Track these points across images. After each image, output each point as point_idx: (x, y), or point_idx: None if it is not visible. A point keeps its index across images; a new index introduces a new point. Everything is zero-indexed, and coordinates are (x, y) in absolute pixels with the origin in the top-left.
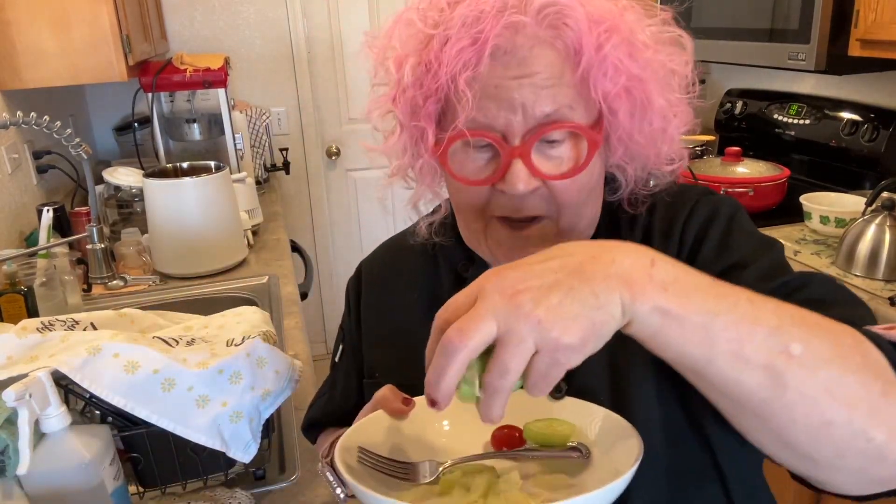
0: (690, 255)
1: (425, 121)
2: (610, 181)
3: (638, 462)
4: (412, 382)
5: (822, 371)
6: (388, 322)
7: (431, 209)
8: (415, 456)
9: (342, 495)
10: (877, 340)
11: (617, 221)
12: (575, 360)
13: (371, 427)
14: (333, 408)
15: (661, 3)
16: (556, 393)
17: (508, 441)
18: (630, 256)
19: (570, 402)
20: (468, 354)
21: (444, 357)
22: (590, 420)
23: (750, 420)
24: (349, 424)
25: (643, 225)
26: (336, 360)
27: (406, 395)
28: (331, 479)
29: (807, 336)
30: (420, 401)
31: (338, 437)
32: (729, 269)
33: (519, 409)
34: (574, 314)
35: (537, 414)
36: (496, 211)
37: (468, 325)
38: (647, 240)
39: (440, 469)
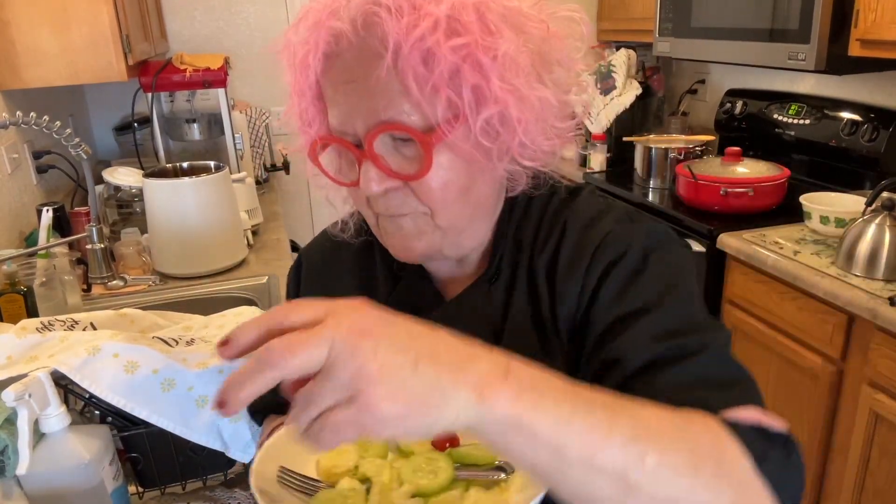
0: (593, 294)
1: (300, 130)
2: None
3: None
4: None
5: (673, 483)
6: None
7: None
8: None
9: None
10: (740, 428)
11: (520, 242)
12: (378, 432)
13: (287, 440)
14: (269, 397)
15: None
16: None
17: (451, 442)
18: (489, 362)
19: None
20: (283, 374)
21: (259, 366)
22: None
23: None
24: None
25: (552, 249)
26: None
27: None
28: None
29: (662, 446)
30: None
31: (270, 433)
32: (626, 316)
33: None
34: (407, 385)
35: None
36: (373, 206)
37: (300, 343)
38: (553, 264)
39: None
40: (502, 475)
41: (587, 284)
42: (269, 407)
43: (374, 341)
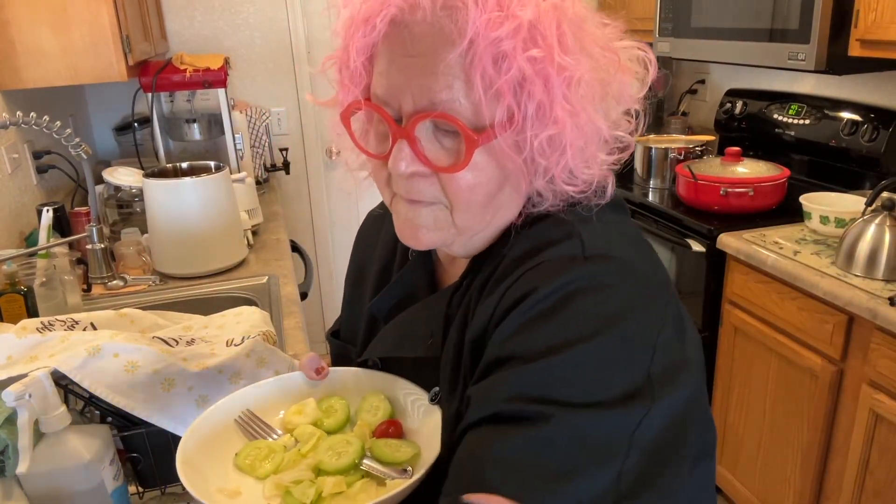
0: (496, 326)
1: (340, 84)
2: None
3: (416, 475)
4: (347, 353)
5: None
6: (353, 287)
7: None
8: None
9: None
10: None
11: (489, 251)
12: None
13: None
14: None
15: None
16: (433, 399)
17: (390, 433)
18: None
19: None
20: None
21: None
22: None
23: None
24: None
25: (490, 269)
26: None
27: (323, 365)
28: None
29: None
30: (343, 371)
31: None
32: (501, 360)
33: (416, 405)
34: None
35: (429, 414)
36: (393, 186)
37: None
38: (482, 288)
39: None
40: (395, 477)
41: (495, 314)
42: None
43: None
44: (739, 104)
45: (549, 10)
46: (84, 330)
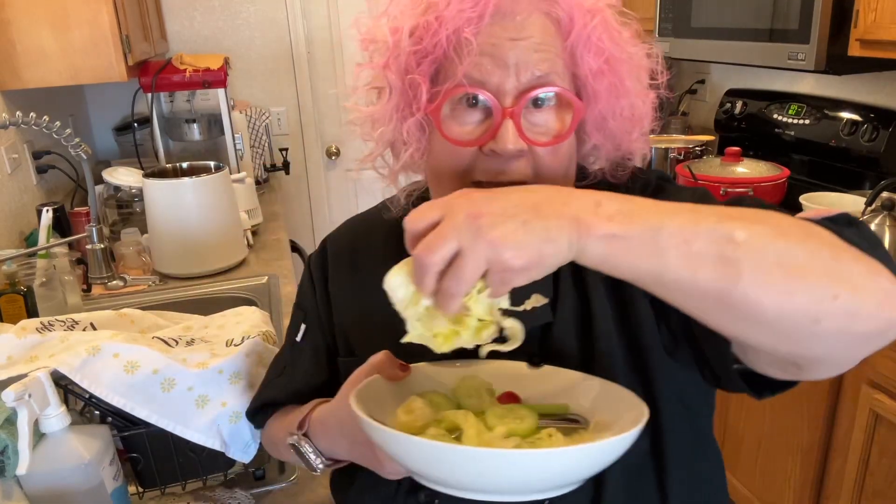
0: None
1: (421, 77)
2: (579, 172)
3: (641, 425)
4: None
5: (769, 248)
6: (361, 301)
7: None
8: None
9: (320, 465)
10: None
11: None
12: (518, 281)
13: (370, 394)
14: (295, 387)
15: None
16: (535, 364)
17: (512, 400)
18: (579, 200)
19: (551, 370)
20: (437, 266)
21: (420, 270)
22: (580, 389)
23: (721, 314)
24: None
25: None
26: (298, 339)
27: (403, 362)
28: (308, 449)
29: (747, 224)
30: (415, 367)
31: (312, 410)
32: None
33: (506, 379)
34: (525, 243)
35: (527, 383)
36: (478, 175)
37: (435, 241)
38: None
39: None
40: (578, 425)
41: None
42: (290, 400)
43: (487, 219)
44: (739, 104)
45: (604, 7)
46: (84, 330)
